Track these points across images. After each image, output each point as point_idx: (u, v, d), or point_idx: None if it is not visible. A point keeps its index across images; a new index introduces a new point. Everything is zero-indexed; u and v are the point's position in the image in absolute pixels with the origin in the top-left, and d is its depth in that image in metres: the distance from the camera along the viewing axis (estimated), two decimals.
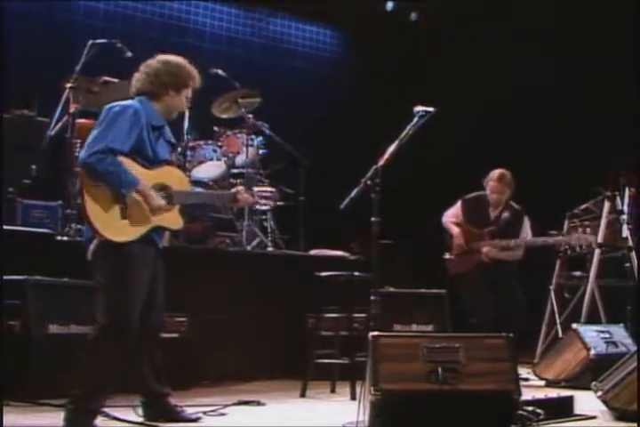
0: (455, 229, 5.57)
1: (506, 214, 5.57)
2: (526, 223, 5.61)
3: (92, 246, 3.37)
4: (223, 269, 5.27)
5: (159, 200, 3.46)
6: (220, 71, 6.10)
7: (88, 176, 3.36)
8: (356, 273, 4.65)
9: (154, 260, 3.52)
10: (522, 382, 5.17)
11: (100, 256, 3.37)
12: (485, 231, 5.53)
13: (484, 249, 5.44)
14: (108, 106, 3.55)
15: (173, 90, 3.62)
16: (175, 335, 4.71)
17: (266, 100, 6.32)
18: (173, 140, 3.75)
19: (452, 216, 5.65)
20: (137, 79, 3.65)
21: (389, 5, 8.04)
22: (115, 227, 3.34)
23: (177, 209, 3.55)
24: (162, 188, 3.51)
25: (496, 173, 5.52)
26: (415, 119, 3.88)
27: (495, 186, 5.50)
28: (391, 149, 3.91)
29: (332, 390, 4.69)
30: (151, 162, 3.49)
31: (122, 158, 3.38)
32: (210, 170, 6.03)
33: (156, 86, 3.60)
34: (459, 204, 5.65)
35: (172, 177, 3.57)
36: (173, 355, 4.65)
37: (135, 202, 3.38)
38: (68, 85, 5.32)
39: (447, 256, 5.61)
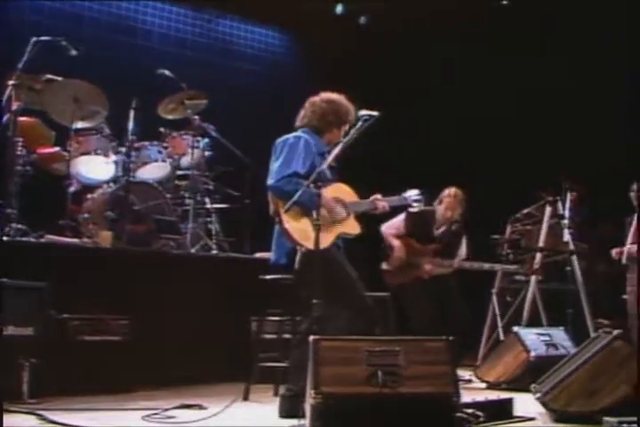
0: (396, 242, 5.62)
1: (449, 233, 5.67)
2: (464, 241, 5.72)
3: (298, 257, 3.89)
4: (166, 272, 5.23)
5: (341, 212, 4.08)
6: (166, 72, 6.07)
7: (279, 198, 3.94)
8: None
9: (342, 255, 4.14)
10: (464, 385, 5.32)
11: (308, 263, 3.83)
12: (429, 248, 5.59)
13: (427, 267, 5.51)
14: (281, 139, 4.12)
15: (336, 127, 4.19)
16: (117, 338, 4.66)
17: (212, 102, 6.29)
18: (334, 163, 4.14)
19: (393, 228, 5.68)
20: (304, 115, 4.21)
21: (339, 9, 8.07)
22: (312, 238, 3.77)
23: (353, 217, 4.13)
24: (337, 201, 4.09)
25: (452, 190, 5.62)
26: (359, 123, 3.91)
27: (452, 202, 5.60)
28: (334, 152, 3.95)
29: (276, 394, 4.67)
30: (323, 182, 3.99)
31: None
32: (154, 171, 6.00)
33: (322, 124, 4.18)
34: (403, 216, 5.66)
35: (343, 191, 4.16)
36: (115, 358, 4.61)
37: (323, 216, 3.88)
38: (11, 83, 5.23)
39: (385, 267, 5.64)
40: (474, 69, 7.73)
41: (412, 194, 4.33)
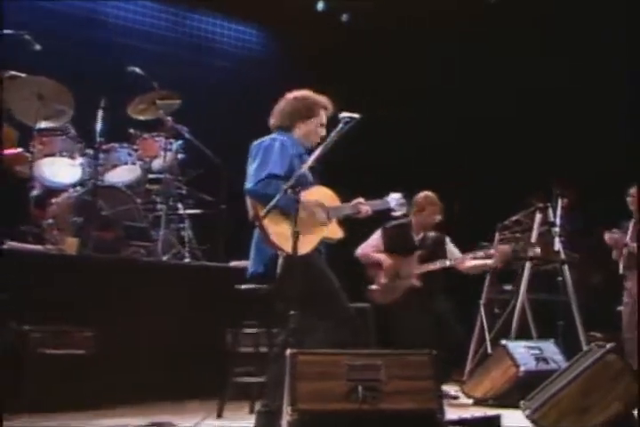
0: (380, 255, 5.68)
1: (429, 237, 5.72)
2: (449, 241, 5.77)
3: (279, 263, 3.89)
4: (136, 281, 5.19)
5: (322, 216, 4.09)
6: (137, 69, 6.03)
7: (259, 201, 3.95)
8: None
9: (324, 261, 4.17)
10: (450, 401, 5.33)
11: (289, 269, 3.82)
12: (414, 256, 5.62)
13: (417, 271, 5.54)
14: (256, 142, 4.15)
15: (302, 121, 4.22)
16: (81, 351, 4.62)
17: (186, 102, 6.27)
18: (314, 164, 4.15)
19: (370, 246, 5.77)
20: (273, 116, 4.30)
21: (320, 5, 8.09)
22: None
23: (335, 221, 4.15)
24: (318, 204, 4.10)
25: (431, 195, 5.65)
26: (340, 125, 3.92)
27: (437, 209, 5.65)
28: (315, 154, 3.97)
29: (251, 411, 4.66)
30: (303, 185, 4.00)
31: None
32: (124, 174, 5.97)
33: (288, 120, 4.24)
34: (378, 233, 5.77)
35: (324, 195, 4.17)
36: (79, 372, 4.57)
37: (302, 218, 3.89)
38: None
39: (373, 287, 5.67)
40: (469, 69, 7.81)
41: (395, 197, 4.36)
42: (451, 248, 5.78)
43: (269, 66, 8.25)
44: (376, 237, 5.80)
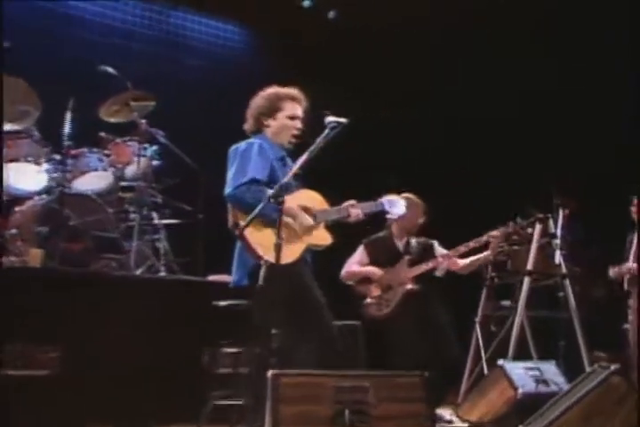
0: (367, 268, 5.73)
1: (414, 243, 5.76)
2: (437, 246, 5.81)
3: (262, 273, 3.85)
4: (106, 297, 5.16)
5: (307, 219, 4.11)
6: (109, 68, 6.02)
7: (239, 208, 4.00)
8: None
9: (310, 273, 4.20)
10: (444, 426, 5.32)
11: (272, 279, 3.83)
12: (403, 261, 5.66)
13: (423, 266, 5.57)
14: (232, 147, 4.23)
15: (270, 117, 4.30)
16: (45, 372, 4.59)
17: (162, 104, 6.27)
18: (299, 171, 4.18)
19: (353, 263, 5.83)
20: (245, 120, 4.38)
21: (306, 2, 8.12)
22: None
23: (322, 226, 4.18)
24: (304, 209, 4.14)
25: (412, 196, 5.69)
26: (326, 131, 3.93)
27: (419, 211, 5.71)
28: (299, 162, 3.98)
29: None
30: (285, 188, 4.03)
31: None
32: (94, 182, 5.96)
33: (257, 121, 4.32)
34: (360, 249, 5.84)
35: (311, 199, 4.20)
36: (43, 395, 4.54)
37: (287, 223, 3.96)
38: None
39: (368, 301, 5.70)
40: (471, 70, 7.90)
41: (390, 199, 4.37)
42: (441, 251, 5.81)
43: (251, 66, 8.27)
44: (358, 253, 5.85)
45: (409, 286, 5.62)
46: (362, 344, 5.71)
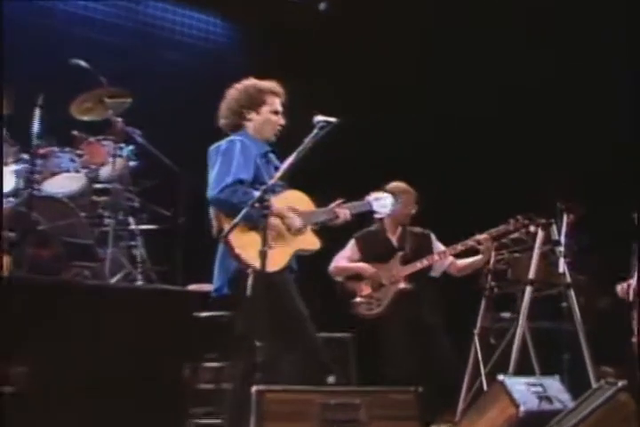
0: (358, 264, 5.73)
1: (411, 233, 5.78)
2: (434, 239, 5.84)
3: (249, 282, 3.87)
4: (78, 307, 5.14)
5: (297, 220, 4.11)
6: (82, 62, 6.00)
7: (224, 212, 3.99)
8: None
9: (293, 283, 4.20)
10: None
11: (260, 288, 3.84)
12: (397, 258, 5.67)
13: (402, 273, 5.57)
14: (212, 147, 4.25)
15: (252, 110, 4.30)
16: (12, 389, 4.55)
17: (139, 101, 6.27)
18: (279, 163, 4.23)
19: (343, 258, 5.86)
20: (222, 117, 4.40)
21: None
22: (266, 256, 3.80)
23: (310, 230, 4.18)
24: (291, 210, 4.14)
25: (402, 183, 5.71)
26: (315, 130, 3.95)
27: (411, 198, 5.74)
28: (285, 164, 3.98)
29: None
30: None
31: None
32: (66, 184, 5.95)
33: (236, 115, 4.32)
34: (351, 244, 5.88)
35: (297, 199, 4.21)
36: (9, 414, 4.51)
37: (275, 226, 3.97)
38: None
39: (357, 300, 5.70)
40: (467, 67, 7.94)
41: (377, 197, 4.38)
42: (438, 246, 5.83)
43: (235, 61, 8.28)
44: (349, 248, 5.88)
45: (401, 286, 5.63)
46: (352, 357, 5.72)
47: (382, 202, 4.41)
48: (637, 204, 5.94)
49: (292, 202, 4.20)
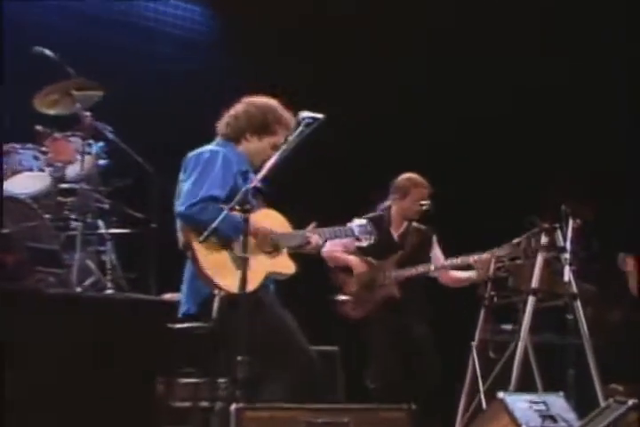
0: (351, 257, 5.69)
1: (414, 230, 5.76)
2: (435, 241, 5.82)
3: (215, 304, 3.95)
4: (43, 317, 5.10)
5: (268, 244, 4.14)
6: (47, 51, 5.99)
7: (193, 228, 4.02)
8: None
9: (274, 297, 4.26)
10: None
11: (228, 312, 3.91)
12: (390, 260, 5.66)
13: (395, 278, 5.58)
14: (193, 153, 4.27)
15: (255, 134, 4.31)
16: None
17: (110, 95, 6.24)
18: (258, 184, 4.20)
19: (339, 245, 5.77)
20: (224, 122, 4.37)
21: None
22: (233, 277, 3.87)
23: (286, 253, 4.21)
24: (267, 232, 4.17)
25: (415, 175, 5.69)
26: (300, 128, 3.93)
27: (424, 192, 5.72)
28: (269, 163, 3.97)
29: None
30: None
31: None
32: (29, 183, 5.94)
33: (239, 131, 4.32)
34: None
35: (272, 219, 4.24)
36: None
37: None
38: None
39: (342, 298, 5.68)
40: (469, 69, 8.07)
41: (360, 223, 4.40)
42: (436, 252, 5.82)
43: (216, 52, 8.27)
44: None
45: (394, 291, 5.61)
46: (340, 371, 5.72)
47: (365, 229, 4.41)
48: None
49: (267, 222, 4.21)
